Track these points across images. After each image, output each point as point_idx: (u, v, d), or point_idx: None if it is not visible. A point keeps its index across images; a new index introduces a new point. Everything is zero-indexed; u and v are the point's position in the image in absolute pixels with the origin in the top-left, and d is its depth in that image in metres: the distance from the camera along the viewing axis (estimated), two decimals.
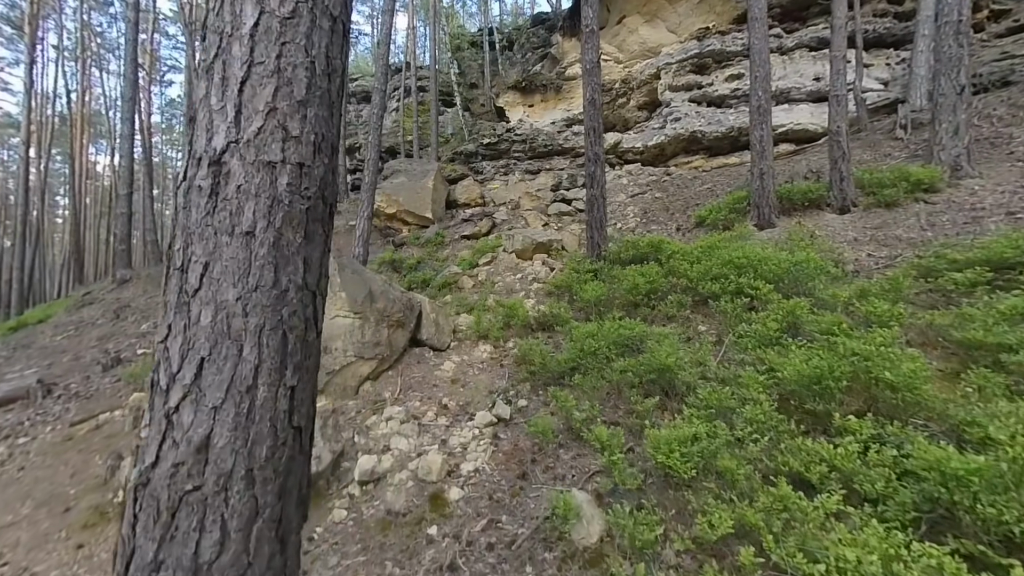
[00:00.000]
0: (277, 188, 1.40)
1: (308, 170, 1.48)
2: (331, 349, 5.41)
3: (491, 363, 6.02)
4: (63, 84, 25.47)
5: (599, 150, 7.74)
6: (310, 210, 1.49)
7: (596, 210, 7.71)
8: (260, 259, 1.37)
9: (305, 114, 1.48)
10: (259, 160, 1.39)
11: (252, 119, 1.40)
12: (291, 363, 1.42)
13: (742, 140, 13.45)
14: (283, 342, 1.40)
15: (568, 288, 7.31)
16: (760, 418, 3.25)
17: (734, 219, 8.69)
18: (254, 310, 1.35)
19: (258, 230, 1.37)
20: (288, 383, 1.40)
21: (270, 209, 1.39)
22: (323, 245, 1.59)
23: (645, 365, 4.40)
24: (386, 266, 10.79)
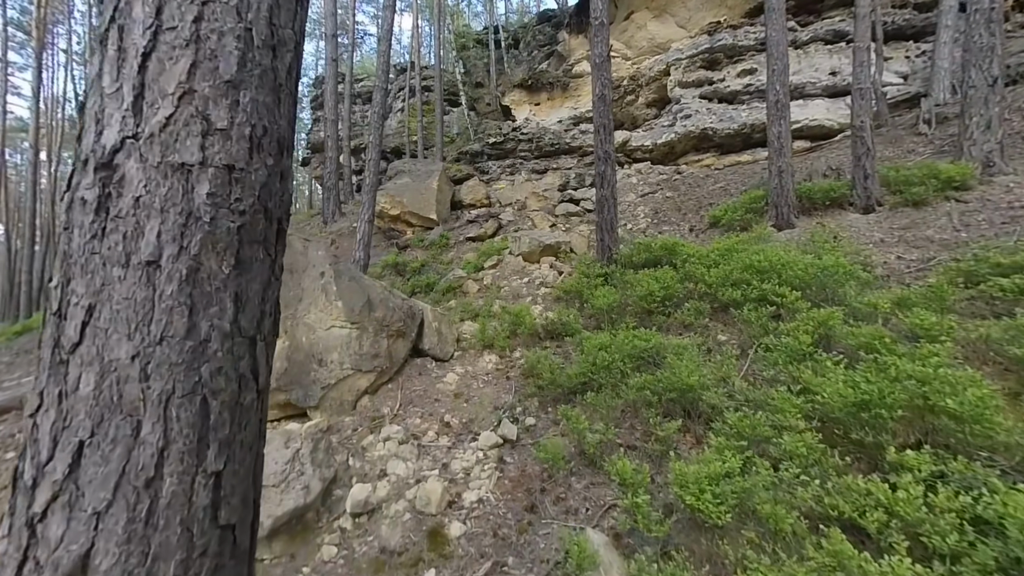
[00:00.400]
0: (193, 200, 1.01)
1: (241, 175, 1.08)
2: (327, 362, 5.03)
3: (496, 375, 5.62)
4: (72, 87, 25.37)
5: (609, 148, 7.31)
6: (244, 229, 1.09)
7: (606, 211, 7.28)
8: (167, 299, 0.97)
9: (237, 99, 1.08)
10: (167, 162, 1.00)
11: (158, 105, 1.01)
12: (215, 440, 1.02)
13: (755, 137, 12.96)
14: (202, 412, 1.00)
15: (578, 294, 6.89)
16: (801, 451, 2.82)
17: (751, 220, 8.22)
18: (158, 371, 0.96)
19: (165, 259, 0.98)
20: (210, 468, 1.01)
21: (183, 229, 0.99)
22: (268, 273, 1.20)
23: (664, 382, 3.98)
24: (389, 269, 10.42)
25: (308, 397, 4.91)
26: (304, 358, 4.99)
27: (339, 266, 5.40)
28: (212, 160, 1.03)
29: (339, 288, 5.22)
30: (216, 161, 1.04)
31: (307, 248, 5.35)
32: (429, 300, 8.66)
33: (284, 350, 4.93)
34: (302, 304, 5.14)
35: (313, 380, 4.95)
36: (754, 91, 13.15)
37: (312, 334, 5.07)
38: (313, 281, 5.21)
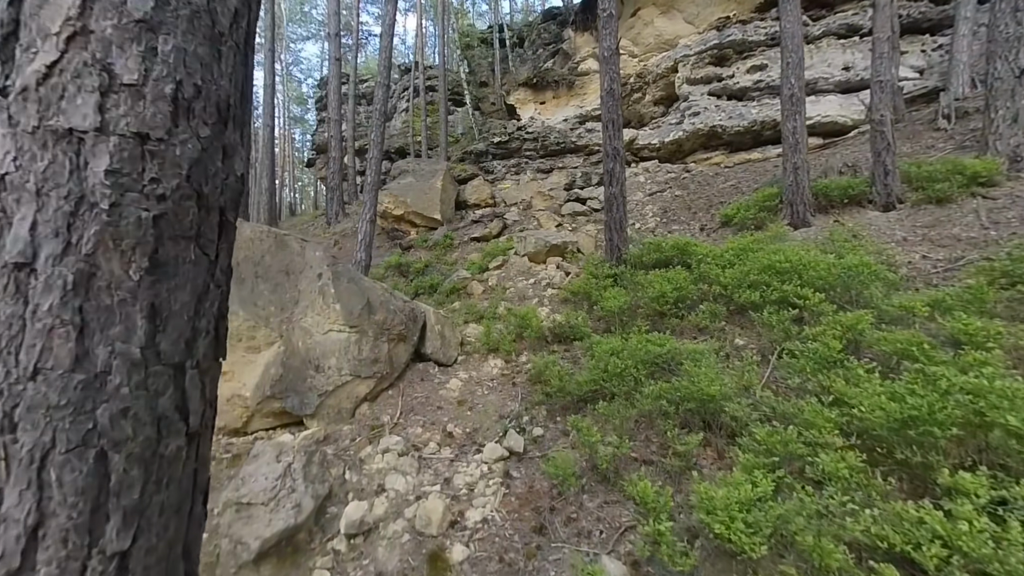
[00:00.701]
0: (86, 180, 0.73)
1: (160, 148, 0.80)
2: (324, 368, 4.76)
3: (502, 381, 5.33)
4: None
5: (618, 145, 7.00)
6: (165, 219, 0.81)
7: (615, 210, 6.97)
8: (44, 317, 0.69)
9: (154, 46, 0.79)
10: (47, 127, 0.72)
11: (35, 49, 0.73)
12: (118, 508, 0.74)
13: (765, 134, 12.61)
14: (98, 471, 0.72)
15: (586, 295, 6.59)
16: (843, 472, 2.51)
17: (764, 218, 7.89)
18: (29, 417, 0.68)
19: (42, 261, 0.70)
20: (110, 547, 0.72)
21: (70, 220, 0.71)
22: (203, 279, 0.91)
23: (682, 391, 3.68)
24: (392, 270, 10.16)
25: (304, 405, 4.64)
26: (300, 364, 4.72)
27: (338, 267, 5.13)
28: (115, 126, 0.75)
29: (338, 290, 4.95)
30: (122, 127, 0.76)
31: (304, 249, 5.09)
32: (432, 302, 8.39)
33: (279, 356, 4.66)
34: (299, 307, 4.87)
35: (310, 387, 4.68)
36: (764, 87, 12.80)
37: (309, 338, 4.80)
38: (310, 283, 4.94)
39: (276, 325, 4.75)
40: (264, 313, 4.74)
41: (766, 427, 3.05)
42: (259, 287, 4.78)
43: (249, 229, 4.93)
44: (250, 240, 4.89)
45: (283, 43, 29.60)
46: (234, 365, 4.73)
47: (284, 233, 5.12)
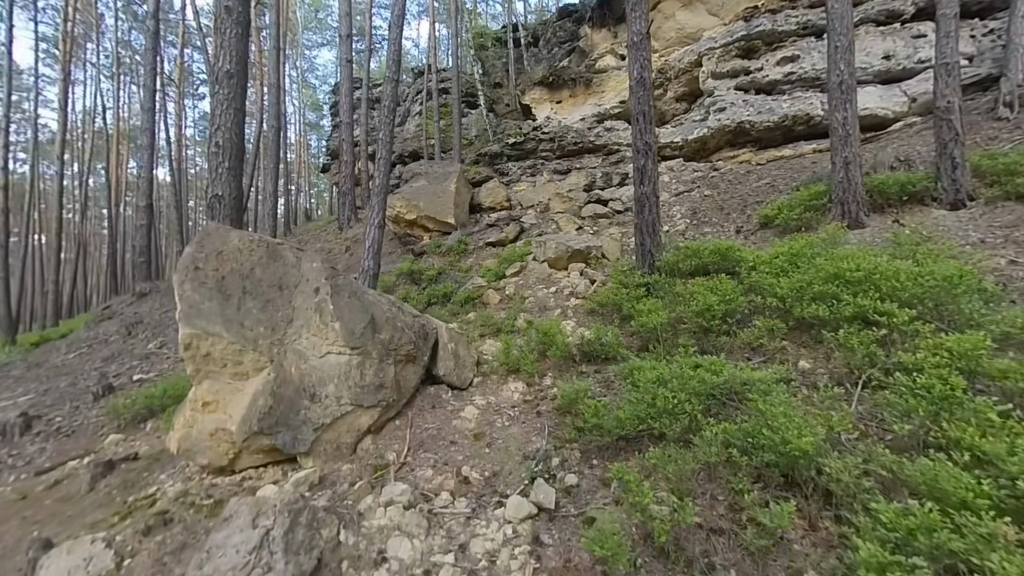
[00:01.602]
0: None
1: None
2: (321, 397, 4.05)
3: (525, 409, 4.56)
4: (100, 101, 25.28)
5: (650, 139, 6.20)
6: None
7: (647, 211, 6.17)
8: None
9: None
10: None
11: None
12: None
13: (797, 129, 11.70)
14: None
15: (616, 307, 5.80)
16: None
17: (811, 219, 7.02)
18: None
19: None
20: None
21: None
22: None
23: (756, 437, 2.88)
24: (404, 278, 9.47)
25: (298, 441, 3.93)
26: (293, 393, 4.02)
27: (338, 280, 4.43)
28: None
29: (337, 307, 4.24)
30: None
31: (300, 260, 4.40)
32: (446, 311, 7.67)
33: (269, 384, 3.96)
34: (292, 327, 4.17)
35: (304, 420, 3.97)
36: (796, 80, 11.87)
37: (304, 363, 4.09)
38: (306, 299, 4.24)
39: (266, 348, 4.05)
40: (252, 334, 4.04)
41: (890, 502, 2.24)
42: (247, 304, 4.09)
43: (237, 238, 4.25)
44: (237, 251, 4.20)
45: (298, 50, 29.33)
46: (219, 394, 4.05)
47: (278, 242, 4.43)
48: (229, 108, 4.94)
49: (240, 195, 5.01)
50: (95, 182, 28.57)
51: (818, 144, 11.35)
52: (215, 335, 3.96)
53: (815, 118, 11.50)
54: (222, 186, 4.86)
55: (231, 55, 4.99)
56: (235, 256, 4.20)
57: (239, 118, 5.01)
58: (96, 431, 6.31)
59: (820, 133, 11.52)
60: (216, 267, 4.11)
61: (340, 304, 4.30)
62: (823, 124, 11.41)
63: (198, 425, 3.99)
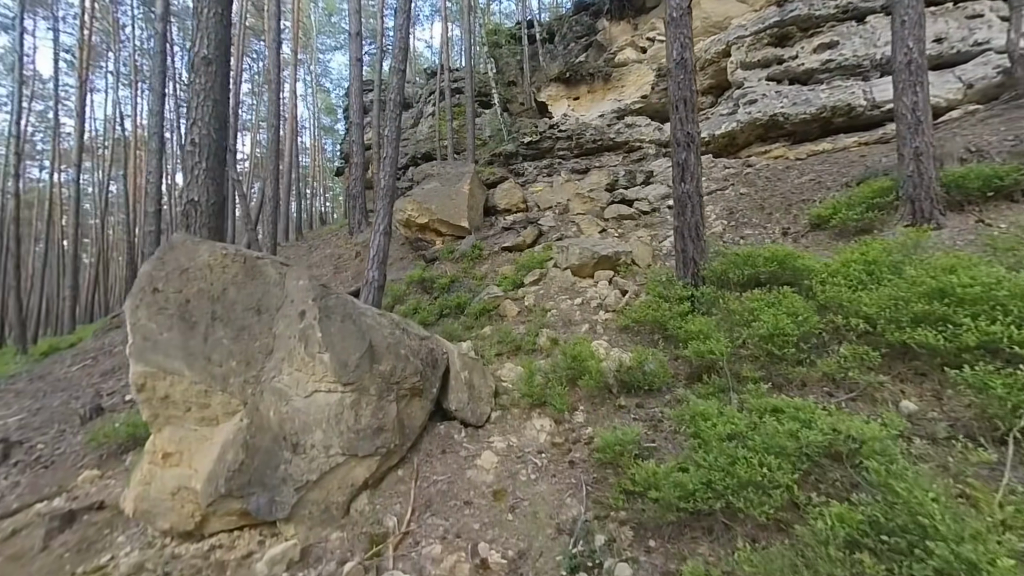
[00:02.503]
0: None
1: None
2: (304, 447, 3.23)
3: (554, 455, 3.69)
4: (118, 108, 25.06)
5: (692, 129, 5.27)
6: None
7: (689, 212, 5.24)
8: None
9: None
10: None
11: None
12: None
13: (836, 121, 10.63)
14: None
15: (657, 324, 4.89)
16: None
17: (874, 218, 6.01)
18: None
19: None
20: None
21: None
22: None
23: (904, 537, 1.97)
24: (415, 286, 8.67)
25: (275, 505, 3.11)
26: (271, 443, 3.20)
27: (328, 301, 3.62)
28: None
29: (326, 334, 3.42)
30: None
31: (284, 277, 3.60)
32: (459, 325, 6.83)
33: (240, 433, 3.15)
34: (272, 360, 3.36)
35: (283, 477, 3.16)
36: (835, 68, 10.79)
37: (285, 405, 3.28)
38: (290, 325, 3.44)
39: (238, 388, 3.24)
40: (222, 371, 3.24)
41: None
42: (216, 333, 3.29)
43: (207, 252, 3.45)
44: (207, 267, 3.41)
45: (312, 54, 28.83)
46: (182, 443, 3.25)
47: (258, 256, 3.62)
48: (207, 99, 4.16)
49: (221, 200, 4.24)
50: (117, 189, 28.43)
51: (860, 137, 10.28)
52: (174, 373, 3.16)
53: (857, 108, 10.42)
54: (198, 190, 4.09)
55: (209, 39, 4.22)
56: (204, 274, 3.40)
57: (219, 111, 4.23)
58: (76, 463, 5.60)
59: (862, 125, 10.46)
60: (179, 288, 3.31)
61: (330, 330, 3.47)
62: (866, 115, 10.35)
63: (157, 482, 3.20)
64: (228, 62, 4.42)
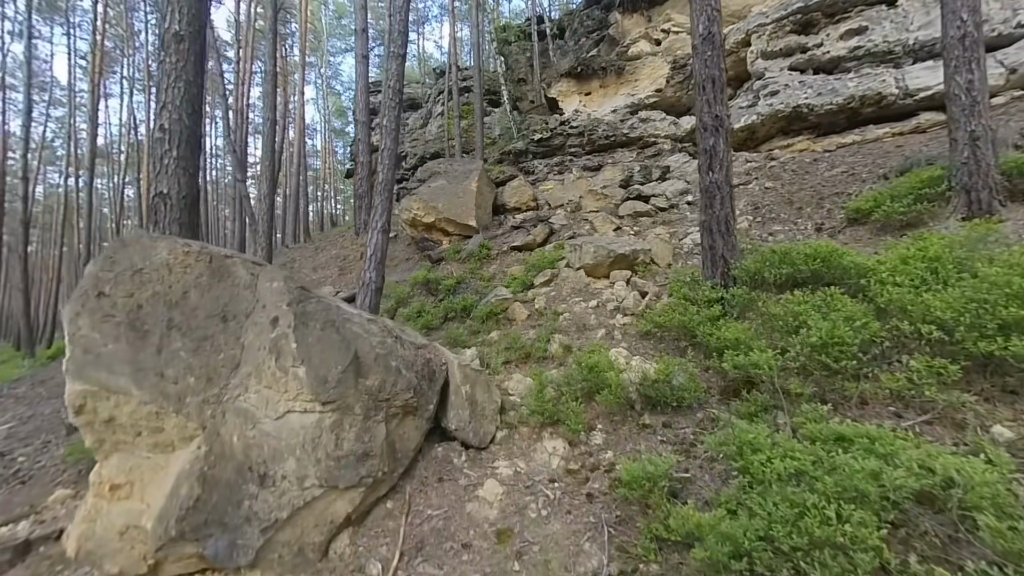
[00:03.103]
0: None
1: None
2: (274, 478, 2.71)
3: (569, 485, 3.11)
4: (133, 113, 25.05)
5: (721, 111, 4.67)
6: None
7: (718, 205, 4.64)
8: None
9: None
10: None
11: None
12: None
13: (865, 112, 9.90)
14: None
15: (685, 330, 4.29)
16: None
17: (923, 211, 5.34)
18: None
19: None
20: None
21: None
22: None
23: None
24: (419, 288, 8.15)
25: (237, 549, 2.59)
26: (234, 475, 2.68)
27: (307, 306, 3.10)
28: None
29: (303, 344, 2.90)
30: None
31: (256, 278, 3.09)
32: (465, 329, 6.29)
33: (197, 463, 2.63)
34: (238, 375, 2.85)
35: (248, 516, 2.63)
36: (864, 55, 10.06)
37: (251, 429, 2.76)
38: (260, 334, 2.92)
39: (196, 409, 2.73)
40: (177, 389, 2.73)
41: None
42: (173, 344, 2.79)
43: (167, 250, 2.95)
44: (165, 268, 2.90)
45: (323, 57, 28.61)
46: (132, 473, 2.75)
47: (226, 254, 3.11)
48: (178, 81, 3.69)
49: (194, 194, 3.76)
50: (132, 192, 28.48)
51: (891, 127, 9.54)
52: (120, 392, 2.65)
53: (888, 97, 9.69)
54: (168, 181, 3.61)
55: (181, 13, 3.74)
56: (161, 275, 2.90)
57: (192, 94, 3.76)
58: (54, 478, 5.17)
59: (893, 115, 9.72)
60: (131, 292, 2.81)
61: (308, 340, 2.95)
62: (897, 104, 9.62)
63: (104, 518, 2.70)
64: (203, 39, 3.94)
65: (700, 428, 3.35)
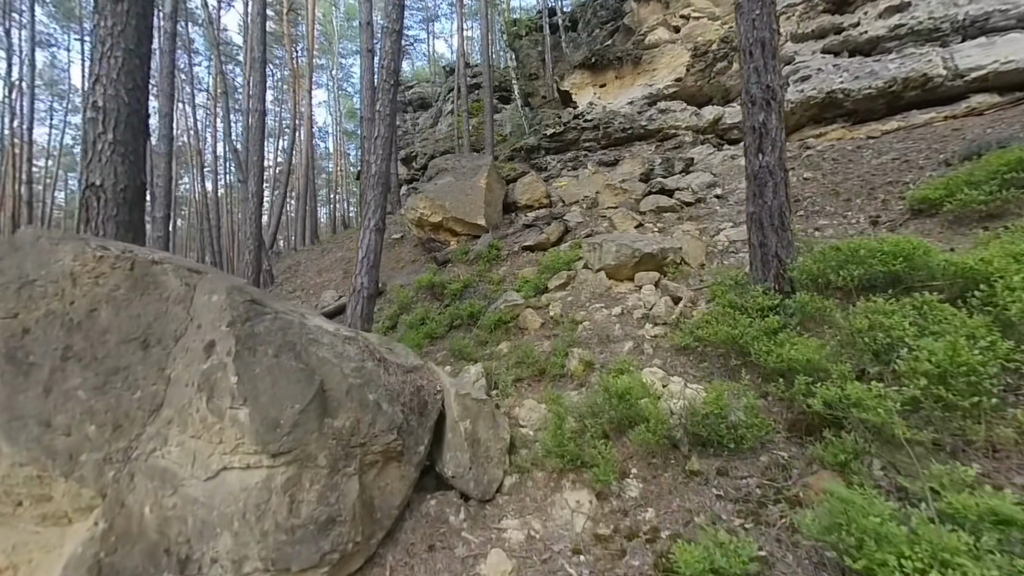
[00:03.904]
0: None
1: None
2: (200, 564, 1.95)
3: (600, 560, 2.30)
4: None
5: (773, 80, 3.80)
6: None
7: (771, 193, 3.77)
8: None
9: None
10: None
11: None
12: None
13: (908, 96, 8.91)
14: None
15: (734, 345, 3.45)
16: None
17: (1009, 198, 4.40)
18: None
19: None
20: None
21: None
22: None
23: None
24: (424, 292, 7.41)
25: None
26: (143, 559, 1.93)
27: (257, 325, 2.34)
28: None
29: (246, 377, 2.15)
30: None
31: (192, 290, 2.36)
32: (471, 339, 5.52)
33: (91, 545, 1.89)
34: (157, 421, 2.11)
35: None
36: (907, 34, 9.05)
37: (170, 494, 2.01)
38: (190, 364, 2.19)
39: (92, 470, 1.99)
40: (68, 443, 1.99)
41: None
42: (68, 381, 2.05)
43: (73, 253, 2.22)
44: (69, 277, 2.17)
45: (334, 59, 28.10)
46: (16, 553, 2.01)
47: (155, 259, 2.37)
48: (115, 49, 2.97)
49: (137, 186, 3.04)
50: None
51: (937, 111, 8.51)
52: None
53: (934, 79, 8.69)
54: (103, 171, 2.89)
55: None
56: (60, 289, 2.16)
57: (133, 66, 3.05)
58: None
59: (939, 98, 8.70)
60: (14, 311, 2.08)
61: (254, 371, 2.19)
62: (945, 86, 8.62)
63: None
64: (150, 2, 3.23)
65: (768, 479, 2.51)
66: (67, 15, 23.05)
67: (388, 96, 5.03)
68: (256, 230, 5.86)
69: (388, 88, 5.06)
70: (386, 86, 5.05)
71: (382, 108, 5.04)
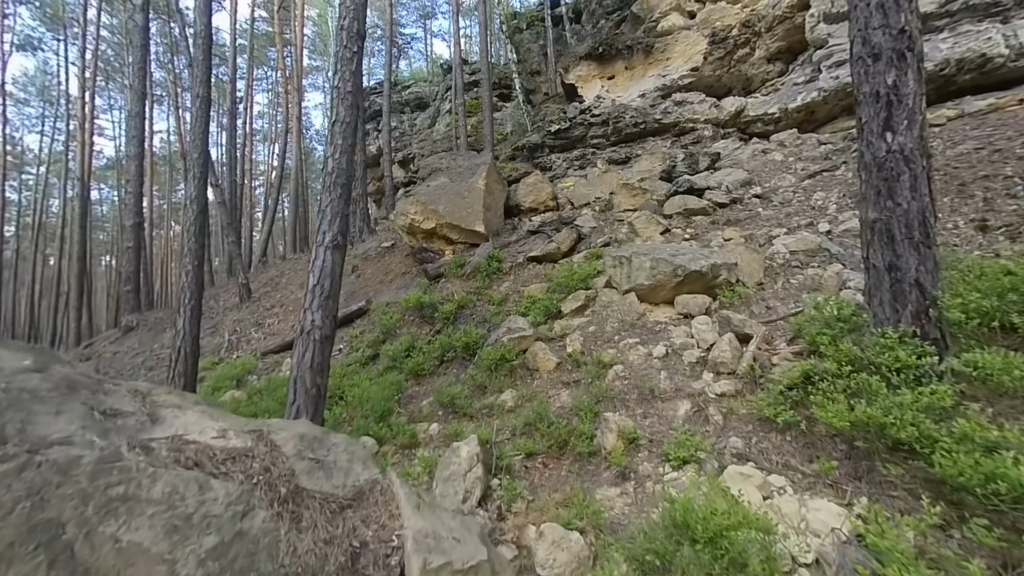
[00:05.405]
0: None
1: None
2: None
3: None
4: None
5: (909, 22, 2.47)
6: None
7: (907, 191, 2.43)
8: None
9: None
10: None
11: None
12: None
13: (960, 80, 7.75)
14: None
15: (875, 428, 2.10)
16: None
17: None
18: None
19: None
20: None
21: None
22: None
23: None
24: (412, 314, 6.06)
25: None
26: None
27: None
28: None
29: None
30: None
31: None
32: (465, 384, 4.19)
33: None
34: None
35: None
36: (960, 9, 7.75)
37: None
38: None
39: None
40: None
41: None
42: None
43: None
44: None
45: (331, 60, 26.82)
46: None
47: None
48: None
49: None
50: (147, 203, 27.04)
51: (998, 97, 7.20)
52: None
53: (995, 60, 7.43)
54: None
55: None
56: None
57: None
58: None
59: (998, 82, 7.47)
60: None
61: None
62: (1007, 67, 7.38)
63: None
64: None
65: None
66: (54, 19, 21.77)
67: (349, 68, 3.71)
68: (197, 245, 4.51)
69: (350, 57, 3.74)
70: (347, 54, 3.73)
71: (341, 84, 3.71)
